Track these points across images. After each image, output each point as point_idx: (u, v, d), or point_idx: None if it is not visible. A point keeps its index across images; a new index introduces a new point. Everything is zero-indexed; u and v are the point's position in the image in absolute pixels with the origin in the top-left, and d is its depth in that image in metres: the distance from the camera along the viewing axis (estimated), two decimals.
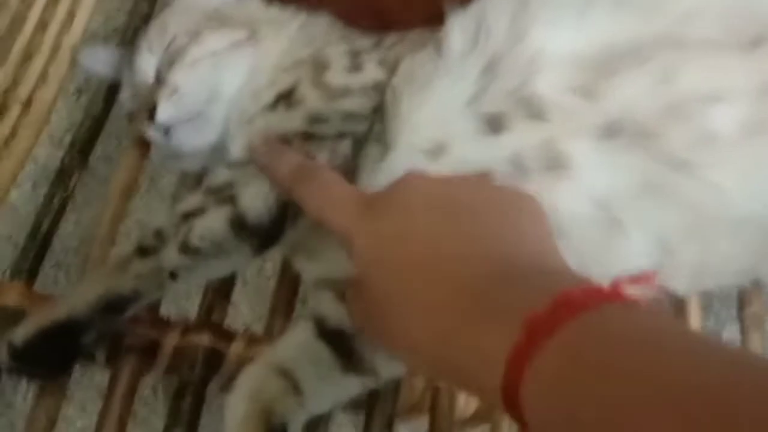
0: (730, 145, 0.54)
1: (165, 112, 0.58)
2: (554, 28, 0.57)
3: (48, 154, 0.74)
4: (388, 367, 0.56)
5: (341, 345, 0.55)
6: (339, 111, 0.58)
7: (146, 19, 0.71)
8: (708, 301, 0.64)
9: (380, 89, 0.59)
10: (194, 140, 0.59)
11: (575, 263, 0.52)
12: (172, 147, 0.59)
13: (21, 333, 0.53)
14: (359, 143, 0.57)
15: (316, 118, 0.57)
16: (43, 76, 0.66)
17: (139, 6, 0.73)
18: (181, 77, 0.59)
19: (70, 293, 0.55)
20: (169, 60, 0.59)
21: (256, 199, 0.54)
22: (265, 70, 0.60)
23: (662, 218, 0.54)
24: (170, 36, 0.61)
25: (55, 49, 0.68)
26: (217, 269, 0.58)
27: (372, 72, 0.60)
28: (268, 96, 0.58)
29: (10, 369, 0.54)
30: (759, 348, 0.61)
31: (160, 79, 0.59)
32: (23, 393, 0.81)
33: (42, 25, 0.67)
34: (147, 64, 0.60)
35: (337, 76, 0.60)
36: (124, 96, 0.63)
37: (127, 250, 0.54)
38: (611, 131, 0.54)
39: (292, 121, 0.57)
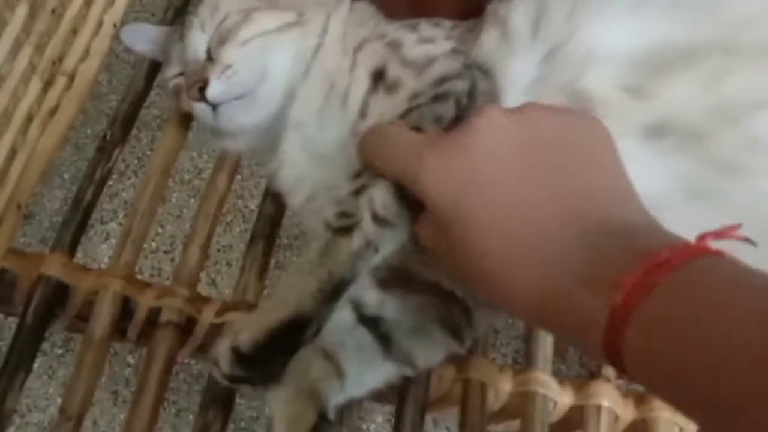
0: None
1: (216, 88, 0.58)
2: (609, 24, 0.58)
3: (91, 127, 0.73)
4: (424, 357, 0.56)
5: (380, 332, 0.55)
6: (431, 79, 0.58)
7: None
8: None
9: (460, 53, 0.59)
10: (242, 119, 0.59)
11: None
12: (220, 124, 0.59)
13: (247, 338, 0.49)
14: (464, 100, 0.56)
15: (415, 95, 0.57)
16: (86, 51, 0.65)
17: None
18: (233, 55, 0.59)
19: (286, 289, 0.51)
20: (221, 38, 0.60)
21: None
22: (324, 49, 0.60)
23: (705, 220, 0.55)
24: (222, 14, 0.61)
25: (99, 25, 0.67)
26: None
27: (443, 43, 0.60)
28: (364, 80, 0.58)
29: (234, 378, 0.50)
30: None
31: (211, 57, 0.59)
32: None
33: (88, 2, 0.67)
34: (198, 41, 0.61)
35: (414, 50, 0.60)
36: (169, 73, 0.63)
37: (324, 238, 0.51)
38: (659, 132, 0.55)
39: (397, 106, 0.56)
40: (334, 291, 0.49)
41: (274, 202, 0.64)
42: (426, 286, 0.57)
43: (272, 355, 0.49)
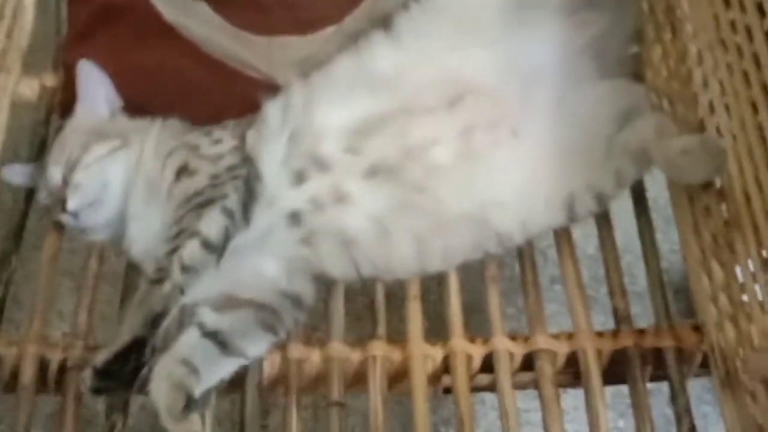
0: (447, 172, 0.85)
1: (72, 203, 0.85)
2: (330, 107, 0.87)
3: None
4: (253, 350, 0.82)
5: (218, 340, 0.80)
6: (223, 167, 0.85)
7: (44, 140, 0.97)
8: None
9: (240, 149, 0.87)
10: (96, 219, 0.87)
11: (367, 266, 0.84)
12: (81, 226, 0.86)
13: (101, 359, 0.74)
14: (248, 181, 0.83)
15: (214, 176, 0.84)
16: None
17: (38, 130, 0.99)
18: (80, 177, 0.86)
19: (123, 324, 0.76)
20: (70, 167, 0.86)
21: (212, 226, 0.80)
22: (143, 161, 0.87)
23: (413, 223, 0.85)
24: (68, 150, 0.87)
25: None
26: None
27: (229, 141, 0.88)
28: (170, 175, 0.85)
29: (94, 389, 0.75)
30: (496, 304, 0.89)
31: (65, 181, 0.86)
32: None
33: None
34: (55, 172, 0.87)
35: (209, 149, 0.87)
36: (40, 196, 0.89)
37: (144, 286, 0.77)
38: (372, 172, 0.85)
39: (198, 182, 0.83)
40: (154, 321, 0.76)
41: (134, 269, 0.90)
42: (246, 302, 0.83)
43: (121, 370, 0.75)
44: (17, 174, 0.93)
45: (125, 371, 0.75)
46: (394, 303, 0.89)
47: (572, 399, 0.92)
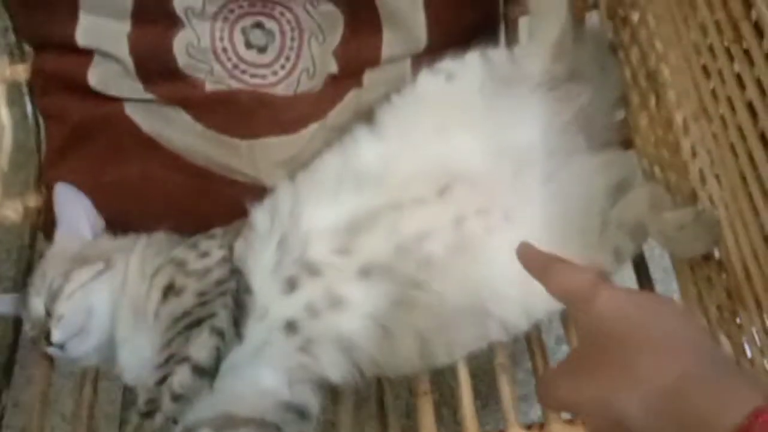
0: (442, 264, 0.82)
1: (57, 335, 0.82)
2: (317, 209, 0.85)
3: None
4: None
5: None
6: (211, 282, 0.82)
7: (30, 265, 0.95)
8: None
9: (228, 260, 0.84)
10: (83, 348, 0.83)
11: (371, 366, 0.81)
12: (69, 356, 0.83)
13: None
14: (237, 295, 0.81)
15: (201, 293, 0.81)
16: None
17: (23, 254, 0.97)
18: (62, 308, 0.83)
19: None
20: (52, 297, 0.83)
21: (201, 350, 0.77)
22: (128, 282, 0.85)
23: (413, 320, 0.82)
24: (49, 279, 0.85)
25: None
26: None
27: (217, 253, 0.85)
28: (156, 295, 0.82)
29: None
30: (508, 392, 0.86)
31: (49, 312, 0.83)
32: None
33: None
34: (37, 304, 0.84)
35: (195, 264, 0.85)
36: (26, 327, 0.87)
37: (136, 420, 0.74)
38: (366, 272, 0.82)
39: (186, 301, 0.81)
40: None
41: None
42: (247, 420, 0.79)
43: None
44: (3, 304, 0.91)
45: None
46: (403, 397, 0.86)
47: None
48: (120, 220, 0.92)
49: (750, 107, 0.70)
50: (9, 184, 1.01)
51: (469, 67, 0.90)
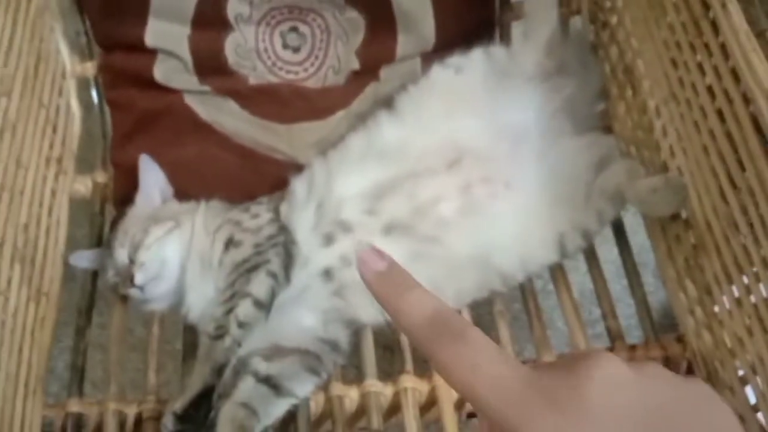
0: (453, 223, 0.99)
1: (139, 278, 0.98)
2: (347, 178, 1.02)
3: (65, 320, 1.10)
4: (301, 391, 0.95)
5: (271, 384, 0.94)
6: (264, 236, 0.99)
7: (101, 228, 1.12)
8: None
9: (275, 220, 1.01)
10: (159, 290, 1.00)
11: None
12: (147, 297, 1.00)
13: (179, 405, 0.86)
14: (286, 246, 0.98)
15: (257, 245, 0.98)
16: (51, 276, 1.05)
17: (95, 220, 1.14)
18: (143, 256, 0.99)
19: (192, 376, 0.89)
20: (134, 248, 1.00)
21: (260, 287, 0.93)
22: (195, 238, 1.02)
23: (428, 271, 0.98)
24: (131, 234, 1.01)
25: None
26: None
27: (265, 215, 1.02)
28: (219, 247, 0.99)
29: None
30: (507, 336, 1.03)
31: (132, 260, 1.00)
32: None
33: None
34: (121, 253, 1.01)
35: (248, 223, 1.02)
36: (108, 275, 1.03)
37: (207, 342, 0.90)
38: (389, 229, 0.98)
39: (244, 251, 0.97)
40: (219, 371, 0.89)
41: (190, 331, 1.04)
42: (291, 350, 0.96)
43: (196, 413, 0.87)
44: (83, 259, 1.07)
45: (200, 415, 0.88)
46: None
47: None
48: (181, 191, 1.09)
49: (710, 90, 0.87)
50: (80, 164, 1.18)
51: (474, 62, 1.07)
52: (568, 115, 1.06)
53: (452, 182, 1.00)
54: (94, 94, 1.21)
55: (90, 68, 1.19)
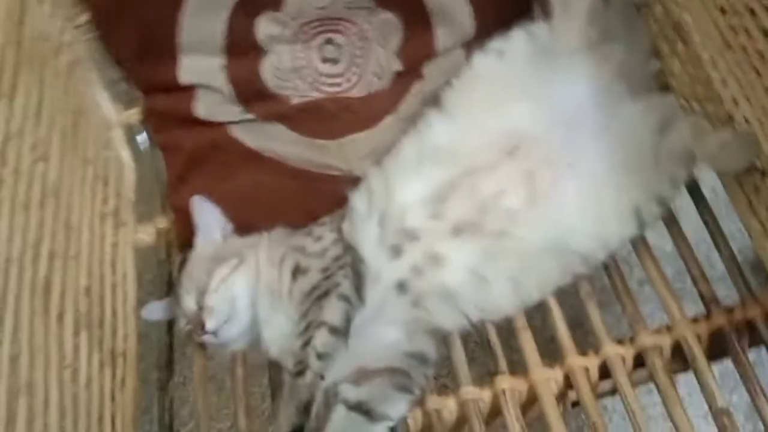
0: (521, 214, 0.95)
1: (210, 324, 0.96)
2: (405, 184, 0.99)
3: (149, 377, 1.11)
4: (394, 412, 0.92)
5: (363, 410, 0.91)
6: (330, 259, 0.97)
7: (170, 275, 1.11)
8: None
9: (339, 240, 0.99)
10: (233, 332, 0.98)
11: (475, 312, 0.94)
12: (222, 341, 0.98)
13: None
14: (354, 266, 0.95)
15: (324, 269, 0.96)
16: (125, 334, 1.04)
17: (162, 268, 1.13)
18: (211, 300, 0.97)
19: (279, 418, 0.88)
20: (200, 292, 0.98)
21: (334, 314, 0.91)
22: (261, 271, 0.99)
23: (505, 266, 0.95)
24: (196, 279, 0.99)
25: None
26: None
27: (329, 236, 1.00)
28: (286, 277, 0.96)
29: None
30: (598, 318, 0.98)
31: (200, 306, 0.97)
32: None
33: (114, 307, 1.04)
34: (188, 300, 0.98)
35: (313, 247, 1.00)
36: (180, 324, 1.01)
37: (289, 380, 0.88)
38: (457, 231, 0.95)
39: (312, 278, 0.95)
40: (305, 408, 0.87)
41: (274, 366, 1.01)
42: (378, 371, 0.93)
43: None
44: (155, 311, 1.05)
45: None
46: (502, 338, 0.99)
47: (683, 388, 0.98)
48: (240, 225, 1.07)
49: (765, 32, 0.82)
50: (139, 212, 1.17)
51: (515, 43, 1.03)
52: (621, 81, 1.01)
53: (513, 172, 0.97)
54: (139, 139, 1.20)
55: (135, 114, 1.18)
